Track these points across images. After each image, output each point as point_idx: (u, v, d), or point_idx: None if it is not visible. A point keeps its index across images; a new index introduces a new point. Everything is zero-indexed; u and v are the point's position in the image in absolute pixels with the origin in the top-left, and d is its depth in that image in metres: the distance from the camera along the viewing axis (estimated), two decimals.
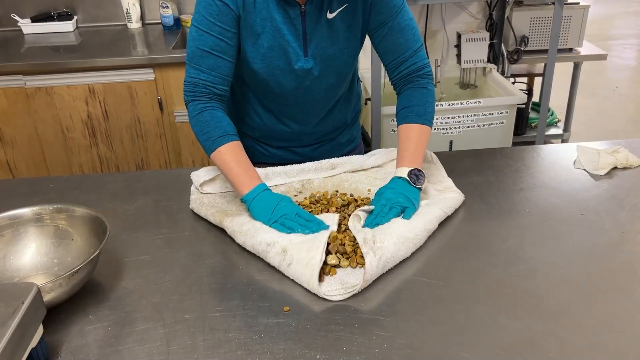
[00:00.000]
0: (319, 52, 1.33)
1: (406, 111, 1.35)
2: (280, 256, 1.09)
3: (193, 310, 1.02)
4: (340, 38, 1.33)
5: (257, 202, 1.20)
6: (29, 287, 0.87)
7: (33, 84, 2.48)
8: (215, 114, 1.28)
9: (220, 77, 1.28)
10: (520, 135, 3.16)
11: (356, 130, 1.63)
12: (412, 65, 1.36)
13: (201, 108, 1.28)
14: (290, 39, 1.30)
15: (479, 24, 3.07)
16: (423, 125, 1.33)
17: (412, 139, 1.31)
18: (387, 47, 1.36)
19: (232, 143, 1.27)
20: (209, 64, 1.27)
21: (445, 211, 1.24)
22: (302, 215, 1.17)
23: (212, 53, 1.26)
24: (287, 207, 1.19)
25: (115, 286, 1.09)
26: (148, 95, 2.55)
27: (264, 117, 1.46)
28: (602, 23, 6.62)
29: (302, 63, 1.33)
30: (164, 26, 2.91)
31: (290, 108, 1.43)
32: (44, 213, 1.15)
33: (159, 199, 1.38)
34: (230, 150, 1.26)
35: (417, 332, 0.95)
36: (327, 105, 1.46)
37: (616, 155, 1.45)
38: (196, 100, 1.29)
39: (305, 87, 1.37)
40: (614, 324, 0.96)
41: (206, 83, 1.28)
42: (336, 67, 1.37)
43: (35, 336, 0.87)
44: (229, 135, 1.27)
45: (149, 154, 2.69)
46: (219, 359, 0.91)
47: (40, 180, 1.53)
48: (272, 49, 1.30)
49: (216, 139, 1.26)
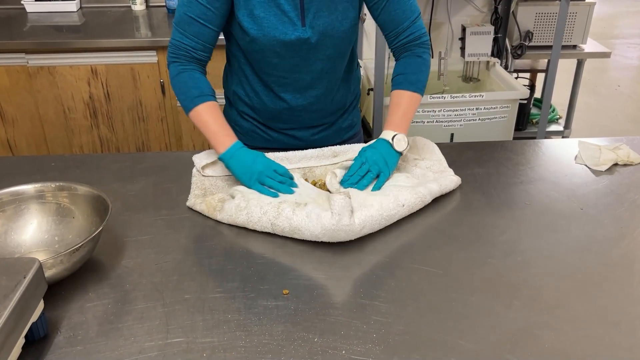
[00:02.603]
0: (317, 21, 1.34)
1: (400, 78, 1.42)
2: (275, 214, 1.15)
3: (193, 291, 1.03)
4: (338, 8, 1.35)
5: (234, 161, 1.29)
6: (31, 262, 0.88)
7: (35, 63, 2.47)
8: (193, 75, 1.36)
9: (202, 44, 1.34)
10: (521, 130, 3.16)
11: (356, 116, 1.64)
12: (410, 35, 1.41)
13: (180, 69, 1.36)
14: (288, 9, 1.31)
15: (484, 17, 3.06)
16: (414, 93, 1.40)
17: (402, 105, 1.39)
18: (385, 18, 1.40)
19: (209, 102, 1.34)
20: (193, 31, 1.33)
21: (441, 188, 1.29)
22: (279, 170, 1.28)
23: (197, 20, 1.31)
24: (263, 162, 1.29)
25: (116, 265, 1.09)
26: (150, 78, 2.54)
27: (262, 94, 1.46)
28: (607, 22, 6.60)
29: (300, 32, 1.33)
30: (168, 9, 2.90)
31: (288, 80, 1.43)
32: (46, 190, 1.15)
33: (160, 181, 1.39)
34: (207, 109, 1.33)
35: (414, 319, 0.96)
36: (325, 79, 1.45)
37: (617, 151, 1.46)
38: (177, 62, 1.36)
39: (303, 56, 1.38)
40: (609, 316, 0.97)
41: (188, 47, 1.34)
42: (334, 38, 1.38)
43: (36, 311, 0.88)
44: (206, 95, 1.34)
45: (150, 137, 2.69)
46: (218, 339, 0.92)
47: (42, 158, 1.53)
48: (268, 20, 1.31)
49: (194, 99, 1.34)
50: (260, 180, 1.26)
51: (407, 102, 1.39)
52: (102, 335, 0.93)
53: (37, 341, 0.91)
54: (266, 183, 1.25)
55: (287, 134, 1.53)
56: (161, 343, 0.91)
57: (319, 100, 1.49)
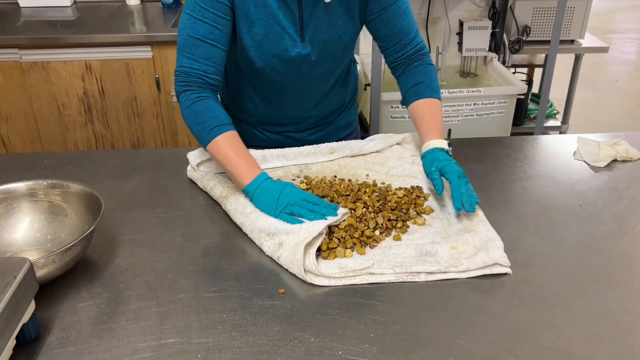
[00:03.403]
0: (317, 37, 1.30)
1: (422, 86, 1.37)
2: (275, 247, 1.08)
3: (187, 290, 1.01)
4: (338, 22, 1.31)
5: (260, 192, 1.16)
6: (22, 262, 0.86)
7: (29, 59, 2.45)
8: (209, 104, 1.24)
9: (213, 66, 1.25)
10: (519, 126, 3.15)
11: (354, 113, 1.62)
12: (416, 46, 1.39)
13: (194, 98, 1.24)
14: (287, 25, 1.27)
15: (482, 12, 3.05)
16: (439, 100, 1.37)
17: (437, 113, 1.35)
18: (389, 31, 1.35)
19: (228, 133, 1.22)
20: (202, 53, 1.23)
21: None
22: (309, 199, 1.13)
23: (205, 41, 1.22)
24: (292, 193, 1.14)
25: (109, 264, 1.08)
26: (145, 73, 2.52)
27: (259, 105, 1.44)
28: (604, 16, 6.59)
29: (300, 49, 1.30)
30: (163, 4, 2.87)
31: (287, 95, 1.41)
32: (37, 188, 1.13)
33: (155, 178, 1.37)
34: (226, 139, 1.21)
35: (412, 318, 0.95)
36: (323, 90, 1.44)
37: (616, 147, 1.45)
38: (189, 90, 1.25)
39: (302, 73, 1.35)
40: (609, 315, 0.96)
41: (199, 72, 1.24)
42: (334, 52, 1.35)
43: (27, 312, 0.86)
44: (224, 125, 1.22)
45: (145, 133, 2.66)
46: (213, 339, 0.91)
47: (35, 155, 1.51)
48: (268, 36, 1.27)
49: (212, 129, 1.21)
50: (289, 211, 1.12)
51: (439, 108, 1.36)
52: (95, 336, 0.92)
53: (28, 342, 0.90)
54: (295, 212, 1.12)
55: (285, 135, 1.51)
56: (155, 344, 0.90)
57: (318, 105, 1.47)
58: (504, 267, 1.05)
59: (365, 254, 1.07)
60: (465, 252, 1.06)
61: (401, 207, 1.20)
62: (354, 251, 1.08)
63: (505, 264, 1.05)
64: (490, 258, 1.04)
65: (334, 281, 1.02)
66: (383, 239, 1.12)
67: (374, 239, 1.10)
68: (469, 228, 1.13)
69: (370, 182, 1.29)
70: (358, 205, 1.18)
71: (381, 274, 1.03)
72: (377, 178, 1.33)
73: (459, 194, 1.16)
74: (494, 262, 1.04)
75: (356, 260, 1.05)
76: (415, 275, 1.03)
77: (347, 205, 1.17)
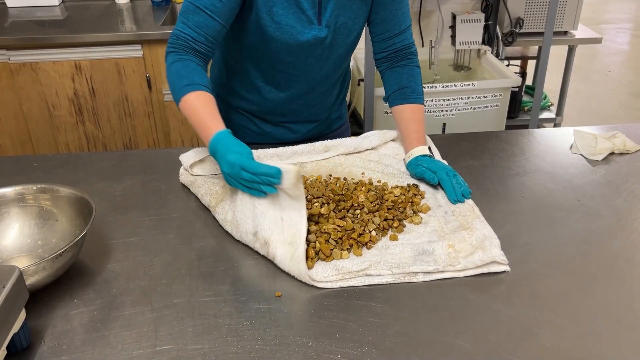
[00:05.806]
0: (333, 20, 1.31)
1: (408, 90, 1.39)
2: (264, 248, 1.06)
3: (182, 295, 0.99)
4: (353, 7, 1.32)
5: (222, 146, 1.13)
6: (11, 270, 0.84)
7: (17, 59, 2.41)
8: (187, 64, 1.23)
9: (204, 36, 1.24)
10: (513, 118, 3.14)
11: (344, 106, 1.63)
12: (404, 41, 1.40)
13: (176, 59, 1.24)
14: (306, 7, 1.27)
15: (474, 4, 3.03)
16: (422, 105, 1.40)
17: (421, 121, 1.37)
18: (384, 17, 1.36)
19: (201, 92, 1.21)
20: (196, 21, 1.23)
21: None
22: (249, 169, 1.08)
23: (203, 11, 1.22)
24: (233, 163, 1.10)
25: (102, 269, 1.06)
26: (136, 72, 2.49)
27: (263, 90, 1.42)
28: (596, 7, 6.58)
29: (316, 31, 1.30)
30: (153, 2, 2.84)
31: (298, 78, 1.39)
32: (26, 193, 1.11)
33: (147, 180, 1.35)
34: (198, 97, 1.20)
35: (411, 319, 0.93)
36: (332, 78, 1.44)
37: (613, 140, 1.43)
38: (174, 52, 1.25)
39: (316, 56, 1.35)
40: (609, 312, 0.95)
41: (187, 38, 1.24)
42: (346, 37, 1.36)
43: (18, 321, 0.84)
44: (197, 84, 1.21)
45: (137, 133, 2.64)
46: (209, 345, 0.89)
47: (25, 158, 1.49)
48: (287, 17, 1.27)
49: (183, 87, 1.21)
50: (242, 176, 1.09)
51: (422, 116, 1.38)
52: (88, 344, 0.90)
53: (19, 352, 0.87)
54: (232, 185, 1.12)
55: (283, 126, 1.49)
56: (150, 351, 0.88)
57: (322, 95, 1.47)
58: (501, 265, 1.04)
59: (362, 255, 1.06)
60: (462, 251, 1.05)
61: (398, 206, 1.18)
62: (351, 252, 1.06)
63: (502, 261, 1.03)
64: (487, 256, 1.03)
65: (330, 284, 1.00)
66: (379, 239, 1.10)
67: (371, 239, 1.08)
68: (465, 225, 1.12)
69: (366, 181, 1.28)
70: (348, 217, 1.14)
71: (378, 275, 1.01)
72: (373, 176, 1.31)
73: (450, 187, 1.22)
74: (492, 260, 1.03)
75: (353, 262, 1.03)
76: (412, 276, 1.02)
77: (336, 222, 1.12)
